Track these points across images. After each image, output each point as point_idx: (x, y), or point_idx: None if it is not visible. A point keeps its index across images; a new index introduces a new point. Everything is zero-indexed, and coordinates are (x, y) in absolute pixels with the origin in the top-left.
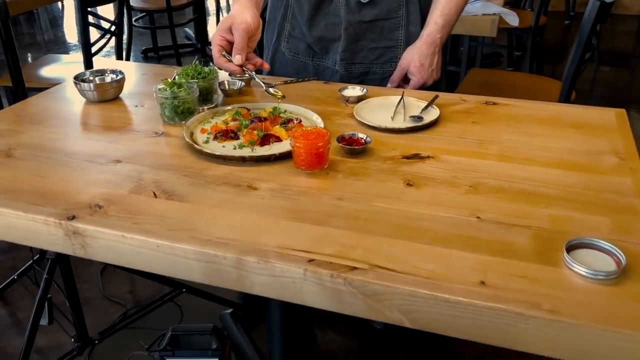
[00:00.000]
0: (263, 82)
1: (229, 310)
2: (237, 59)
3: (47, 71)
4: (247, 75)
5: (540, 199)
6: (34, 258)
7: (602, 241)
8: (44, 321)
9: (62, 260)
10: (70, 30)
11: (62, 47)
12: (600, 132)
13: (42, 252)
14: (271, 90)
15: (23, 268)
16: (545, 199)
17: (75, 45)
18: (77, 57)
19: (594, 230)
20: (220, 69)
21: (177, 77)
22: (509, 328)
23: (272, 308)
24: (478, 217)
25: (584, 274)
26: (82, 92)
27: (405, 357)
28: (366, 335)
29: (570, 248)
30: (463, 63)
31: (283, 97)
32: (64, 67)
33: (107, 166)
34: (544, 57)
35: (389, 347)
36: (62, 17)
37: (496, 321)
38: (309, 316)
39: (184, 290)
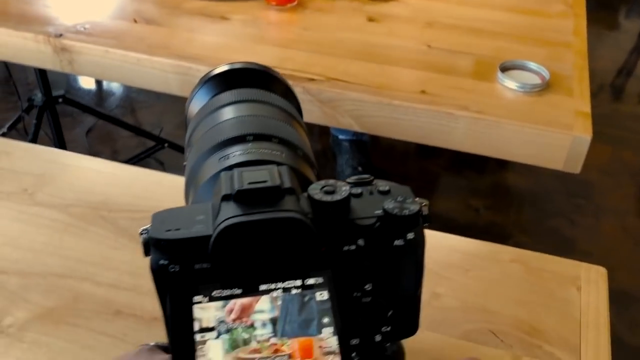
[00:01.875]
0: None
1: None
2: None
3: None
4: None
5: (487, 35)
6: (23, 109)
7: (531, 62)
8: None
9: (49, 108)
10: None
11: None
12: None
13: (30, 103)
14: None
15: (12, 120)
16: (492, 35)
17: None
18: None
19: (530, 58)
20: None
21: None
22: (442, 128)
23: None
24: (429, 46)
25: (513, 87)
26: None
27: None
28: None
29: (504, 68)
30: None
31: None
32: None
33: None
34: None
35: None
36: None
37: (431, 121)
38: None
39: (165, 145)
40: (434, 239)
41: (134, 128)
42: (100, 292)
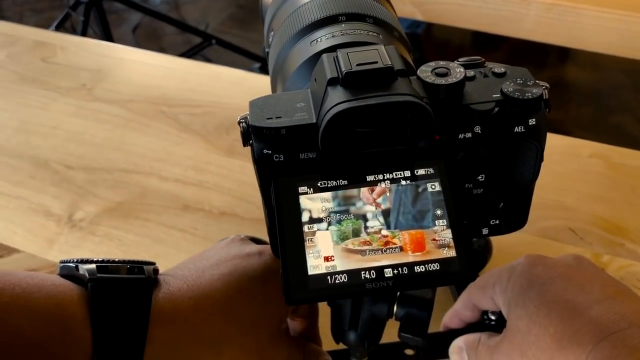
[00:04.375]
0: None
1: (258, 64)
2: None
3: None
4: None
5: None
6: (70, 6)
7: None
8: None
9: (95, 4)
10: None
11: None
12: None
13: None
14: None
15: (60, 18)
16: None
17: None
18: None
19: None
20: None
21: None
22: (513, 15)
23: None
24: None
25: None
26: None
27: None
28: None
29: None
30: None
31: None
32: None
33: None
34: None
35: None
36: None
37: (501, 8)
38: None
39: (213, 41)
40: None
41: (180, 24)
42: (167, 187)
